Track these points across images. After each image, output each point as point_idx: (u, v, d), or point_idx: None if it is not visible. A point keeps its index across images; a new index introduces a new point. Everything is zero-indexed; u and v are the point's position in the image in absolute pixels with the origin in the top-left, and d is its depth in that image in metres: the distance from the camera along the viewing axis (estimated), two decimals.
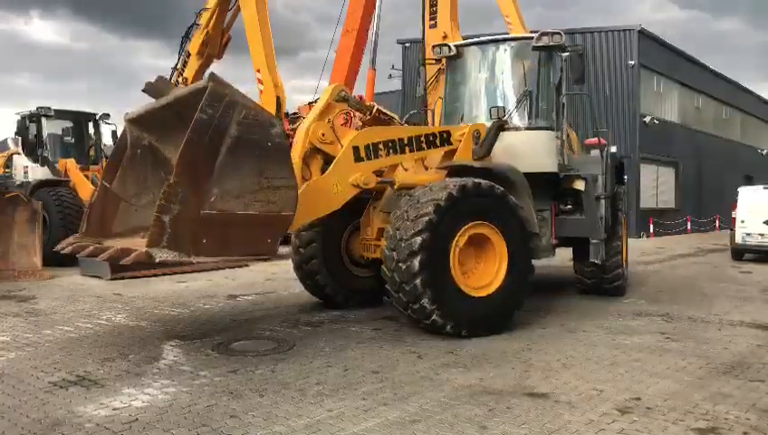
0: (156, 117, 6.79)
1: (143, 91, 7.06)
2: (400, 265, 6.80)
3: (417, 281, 6.73)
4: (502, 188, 7.43)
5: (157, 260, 5.31)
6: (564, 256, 10.70)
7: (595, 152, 10.06)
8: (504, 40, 9.16)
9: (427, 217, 6.77)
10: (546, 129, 8.63)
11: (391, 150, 7.57)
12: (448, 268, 6.96)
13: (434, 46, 9.63)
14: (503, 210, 7.39)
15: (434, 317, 6.87)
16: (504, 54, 9.02)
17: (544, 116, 8.69)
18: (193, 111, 5.58)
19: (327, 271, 8.66)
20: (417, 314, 6.96)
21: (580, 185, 8.89)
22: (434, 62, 9.88)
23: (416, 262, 6.71)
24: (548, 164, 8.58)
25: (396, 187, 7.84)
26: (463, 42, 9.57)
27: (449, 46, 9.31)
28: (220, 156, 5.58)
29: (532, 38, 8.67)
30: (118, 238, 6.73)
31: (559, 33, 8.42)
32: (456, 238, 7.03)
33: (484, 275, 7.37)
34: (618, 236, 9.61)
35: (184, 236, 5.39)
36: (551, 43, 8.40)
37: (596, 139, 10.61)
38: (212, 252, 5.70)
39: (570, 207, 9.07)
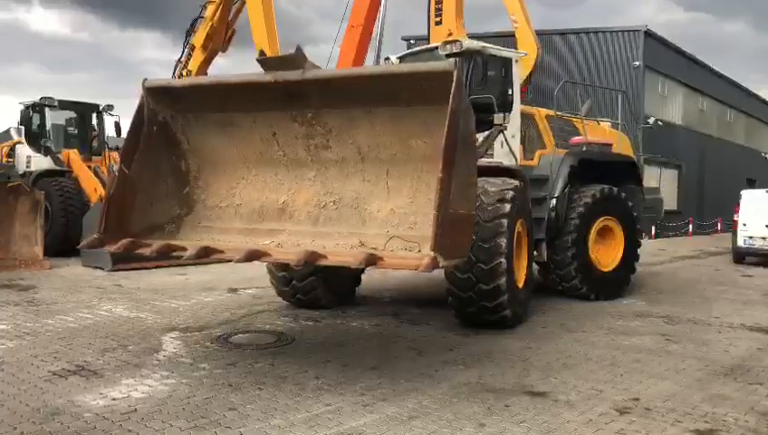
0: (207, 90, 5.88)
1: (259, 60, 5.68)
2: (484, 244, 6.98)
3: (502, 259, 6.99)
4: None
5: (441, 266, 4.64)
6: None
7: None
8: (419, 51, 9.59)
9: (508, 205, 7.14)
10: None
11: None
12: (512, 257, 7.38)
13: (385, 59, 10.02)
14: (528, 208, 8.14)
15: (503, 299, 7.09)
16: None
17: None
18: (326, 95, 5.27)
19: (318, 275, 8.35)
20: (483, 296, 7.05)
21: None
22: None
23: (501, 241, 6.99)
24: None
25: None
26: (401, 54, 9.98)
27: (391, 59, 9.82)
28: (457, 148, 4.88)
29: (436, 48, 9.02)
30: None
31: (459, 42, 8.76)
32: (516, 229, 7.47)
33: (516, 269, 7.72)
34: (566, 235, 9.48)
35: (445, 237, 4.70)
36: (454, 51, 8.70)
37: (581, 138, 10.57)
38: (449, 255, 4.88)
39: None
